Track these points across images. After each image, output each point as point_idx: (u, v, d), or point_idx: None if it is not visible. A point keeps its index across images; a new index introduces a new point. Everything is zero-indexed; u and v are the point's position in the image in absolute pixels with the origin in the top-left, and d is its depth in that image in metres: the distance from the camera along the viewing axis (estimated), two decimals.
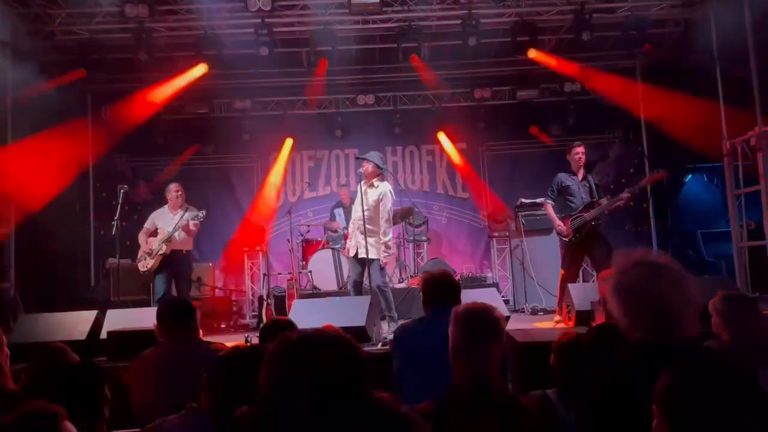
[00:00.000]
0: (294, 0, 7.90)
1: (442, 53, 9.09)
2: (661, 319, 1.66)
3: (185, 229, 6.77)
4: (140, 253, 6.88)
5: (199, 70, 8.56)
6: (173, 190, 6.99)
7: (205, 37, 8.04)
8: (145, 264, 6.78)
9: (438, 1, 8.02)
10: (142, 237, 6.92)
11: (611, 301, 1.78)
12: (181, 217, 6.77)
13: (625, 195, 6.31)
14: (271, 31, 7.91)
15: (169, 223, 6.82)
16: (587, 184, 6.51)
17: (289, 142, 10.31)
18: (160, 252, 6.71)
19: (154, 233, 6.88)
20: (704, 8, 8.00)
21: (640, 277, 1.70)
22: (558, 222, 6.47)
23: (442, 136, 10.39)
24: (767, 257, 7.45)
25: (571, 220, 6.39)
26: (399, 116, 10.24)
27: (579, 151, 6.53)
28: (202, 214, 6.82)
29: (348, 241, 6.26)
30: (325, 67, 8.75)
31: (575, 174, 6.56)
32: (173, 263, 6.79)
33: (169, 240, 6.72)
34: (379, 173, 6.10)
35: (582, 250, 6.49)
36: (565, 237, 6.44)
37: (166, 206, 7.03)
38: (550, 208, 6.62)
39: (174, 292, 6.81)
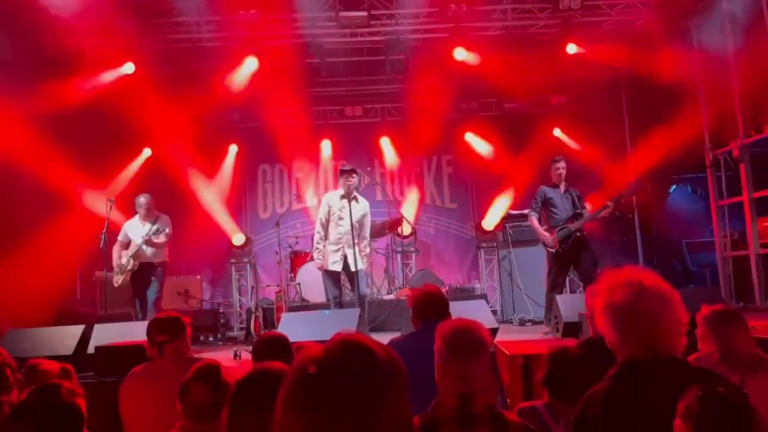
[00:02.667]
0: (282, 13, 7.94)
1: (427, 65, 9.14)
2: (648, 337, 1.70)
3: (148, 243, 6.61)
4: (114, 267, 6.72)
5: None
6: (143, 204, 6.72)
7: (194, 50, 8.06)
8: (117, 280, 6.65)
9: (425, 15, 8.10)
10: (116, 249, 6.73)
11: (599, 318, 1.81)
12: (150, 228, 6.60)
13: (609, 204, 6.41)
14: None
15: (139, 234, 6.65)
16: (570, 197, 6.61)
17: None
18: (128, 268, 6.59)
19: (128, 244, 6.72)
20: (686, 21, 8.14)
21: (628, 295, 1.73)
22: (543, 233, 6.55)
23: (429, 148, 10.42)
24: (750, 267, 7.55)
25: (557, 231, 6.46)
26: (387, 128, 10.27)
27: (560, 166, 6.66)
28: (166, 232, 6.60)
29: (321, 255, 6.29)
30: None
31: (557, 187, 6.66)
32: (143, 275, 6.67)
33: (137, 254, 6.60)
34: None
35: (568, 260, 6.55)
36: (551, 248, 6.50)
37: (137, 216, 6.81)
38: (534, 221, 6.70)
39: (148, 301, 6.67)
